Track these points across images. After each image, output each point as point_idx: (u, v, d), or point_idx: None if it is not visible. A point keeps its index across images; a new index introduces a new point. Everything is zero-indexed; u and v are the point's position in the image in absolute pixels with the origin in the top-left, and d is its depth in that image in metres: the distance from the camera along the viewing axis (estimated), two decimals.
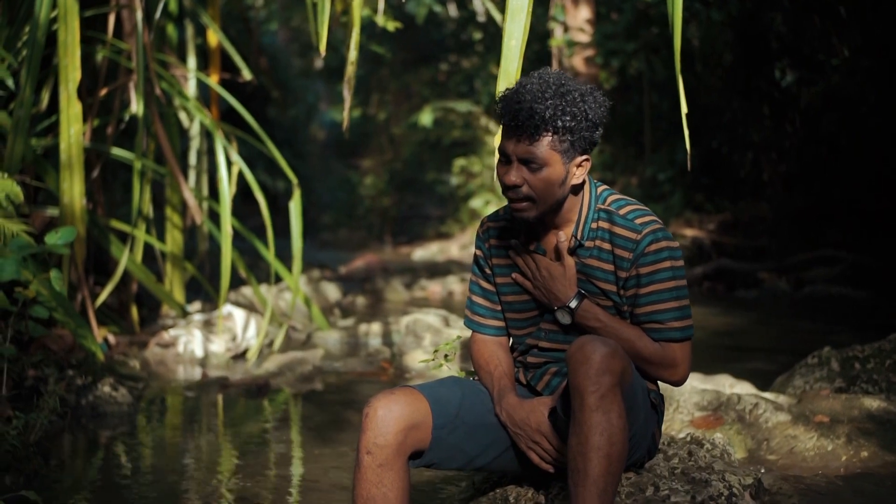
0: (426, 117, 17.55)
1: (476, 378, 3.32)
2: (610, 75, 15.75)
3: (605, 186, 3.17)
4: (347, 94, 4.99)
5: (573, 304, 3.09)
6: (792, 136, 13.20)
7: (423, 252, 17.24)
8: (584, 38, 15.31)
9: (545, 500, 3.21)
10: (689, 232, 13.13)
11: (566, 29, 15.65)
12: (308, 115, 24.69)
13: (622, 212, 3.08)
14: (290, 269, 7.47)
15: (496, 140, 3.69)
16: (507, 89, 3.08)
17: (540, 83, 2.99)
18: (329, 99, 27.11)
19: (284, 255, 7.63)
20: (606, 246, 3.07)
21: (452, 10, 20.38)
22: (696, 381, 5.53)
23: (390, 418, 2.96)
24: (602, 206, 3.10)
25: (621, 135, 15.34)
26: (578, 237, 3.08)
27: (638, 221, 3.04)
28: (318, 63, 25.27)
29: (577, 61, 15.65)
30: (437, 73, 20.34)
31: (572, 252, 3.10)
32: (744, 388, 5.55)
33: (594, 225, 3.09)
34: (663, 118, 14.87)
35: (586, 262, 3.10)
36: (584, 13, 15.62)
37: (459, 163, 17.54)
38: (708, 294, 11.84)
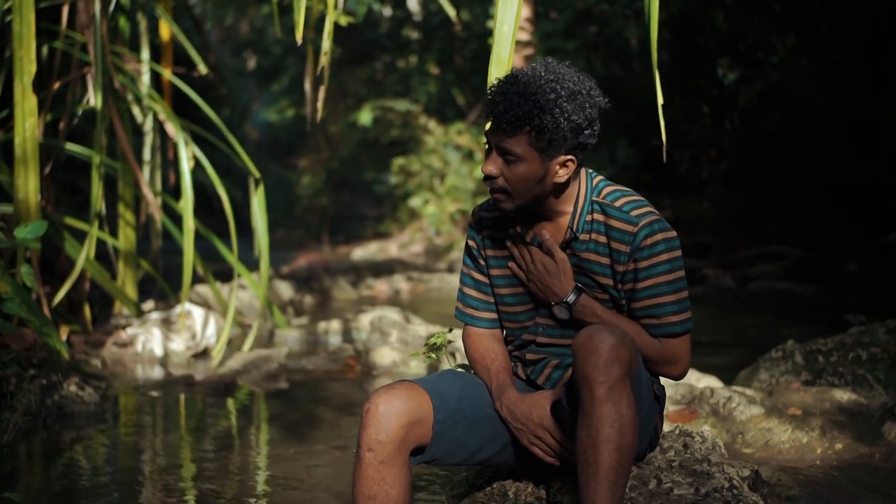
0: (365, 116, 17.46)
1: (472, 372, 3.27)
2: None
3: (601, 177, 3.12)
4: (313, 87, 4.92)
5: (570, 298, 3.05)
6: (731, 134, 13.36)
7: (362, 251, 17.17)
8: (524, 36, 15.34)
9: (546, 495, 3.17)
10: None
11: None
12: (242, 115, 24.47)
13: (617, 204, 3.02)
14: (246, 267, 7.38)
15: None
16: (499, 78, 3.03)
17: (530, 77, 2.94)
18: (262, 99, 26.93)
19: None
20: (602, 239, 3.02)
21: (387, 10, 20.34)
22: None
23: (392, 414, 2.90)
24: (597, 199, 3.05)
25: None
26: (574, 229, 3.04)
27: (634, 213, 2.99)
28: (251, 63, 25.10)
29: (517, 60, 15.68)
30: (375, 72, 20.27)
31: (567, 245, 3.06)
32: (710, 382, 5.57)
33: (589, 217, 3.05)
34: (602, 117, 14.95)
35: (583, 255, 3.05)
36: (523, 12, 15.65)
37: (398, 162, 17.48)
38: None
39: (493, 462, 3.17)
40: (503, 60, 3.70)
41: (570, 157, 2.95)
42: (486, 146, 3.01)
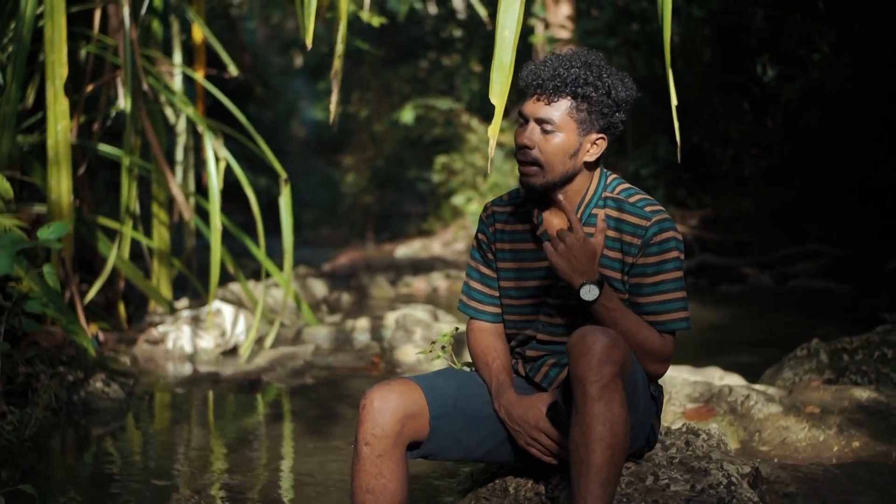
0: (407, 115, 17.53)
1: (473, 369, 3.32)
2: None
3: (615, 175, 3.18)
4: (335, 89, 4.98)
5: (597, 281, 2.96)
6: (772, 132, 13.26)
7: (405, 249, 17.23)
8: (564, 34, 15.33)
9: (545, 491, 3.22)
10: None
11: (547, 26, 15.68)
12: (288, 113, 24.63)
13: (631, 200, 3.09)
14: (277, 265, 7.46)
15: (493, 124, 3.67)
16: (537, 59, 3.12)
17: (570, 54, 3.06)
18: (309, 97, 27.06)
19: (270, 252, 7.61)
20: (612, 234, 3.07)
21: (432, 8, 20.39)
22: (686, 373, 5.55)
23: (387, 409, 2.97)
24: (610, 195, 3.11)
25: None
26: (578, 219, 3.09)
27: (647, 209, 3.06)
28: (298, 61, 25.24)
29: None
30: (418, 70, 20.33)
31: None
32: (733, 380, 5.57)
33: (596, 211, 3.10)
34: (645, 114, 14.90)
35: None
36: (564, 10, 15.64)
37: (441, 160, 17.54)
38: (691, 289, 11.86)
39: (490, 459, 3.23)
40: (505, 65, 3.72)
41: (601, 135, 3.05)
42: (520, 120, 3.08)
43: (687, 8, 13.38)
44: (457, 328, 3.87)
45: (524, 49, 16.90)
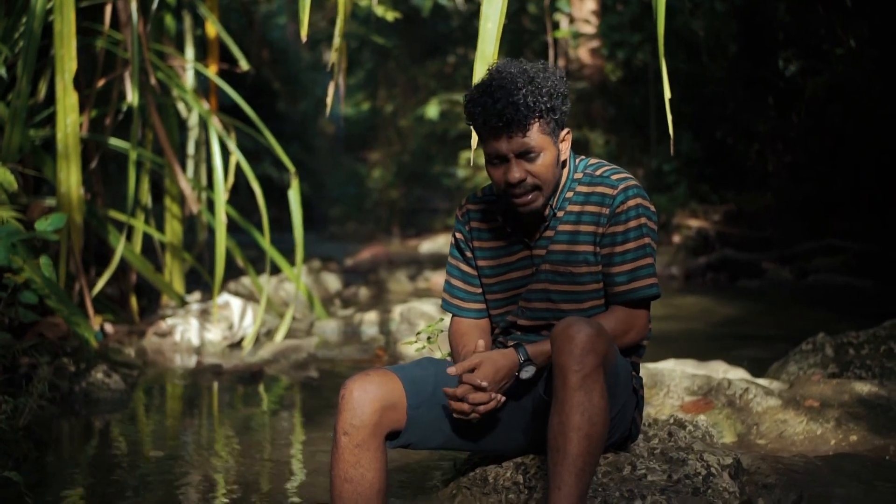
0: (432, 110, 17.56)
1: (450, 360, 3.35)
2: (615, 67, 15.76)
3: (582, 157, 3.22)
4: (332, 83, 5.03)
5: (521, 358, 3.04)
6: (797, 127, 13.19)
7: (430, 244, 17.27)
8: (589, 29, 15.32)
9: (523, 480, 3.24)
10: (694, 222, 13.15)
11: (572, 20, 15.66)
12: (317, 109, 24.69)
13: (598, 172, 3.14)
14: (291, 259, 7.49)
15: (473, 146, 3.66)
16: (470, 94, 3.06)
17: (503, 77, 3.00)
18: (338, 92, 27.10)
19: (291, 249, 7.63)
20: (577, 208, 3.11)
21: (460, 3, 20.40)
22: (688, 367, 5.54)
23: (366, 399, 3.00)
24: (578, 175, 3.15)
25: (627, 126, 15.35)
26: (553, 206, 3.12)
27: (614, 178, 3.10)
28: (327, 57, 25.31)
29: (583, 53, 15.66)
30: (444, 65, 20.35)
31: (547, 226, 3.13)
32: (736, 374, 5.55)
33: (570, 193, 3.13)
34: (674, 109, 14.80)
35: (560, 229, 3.13)
36: (589, 4, 15.62)
37: (466, 155, 17.56)
38: (711, 284, 11.86)
39: (470, 448, 3.25)
40: (488, 57, 3.76)
41: (566, 129, 3.10)
42: (493, 160, 3.04)
43: (710, 2, 13.33)
44: (440, 318, 3.90)
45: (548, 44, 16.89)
